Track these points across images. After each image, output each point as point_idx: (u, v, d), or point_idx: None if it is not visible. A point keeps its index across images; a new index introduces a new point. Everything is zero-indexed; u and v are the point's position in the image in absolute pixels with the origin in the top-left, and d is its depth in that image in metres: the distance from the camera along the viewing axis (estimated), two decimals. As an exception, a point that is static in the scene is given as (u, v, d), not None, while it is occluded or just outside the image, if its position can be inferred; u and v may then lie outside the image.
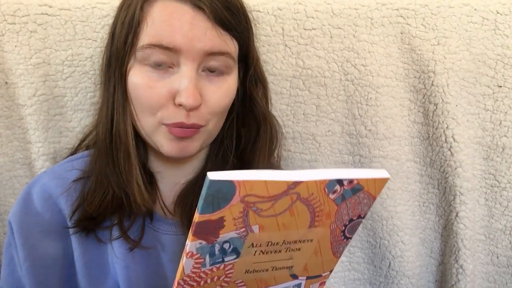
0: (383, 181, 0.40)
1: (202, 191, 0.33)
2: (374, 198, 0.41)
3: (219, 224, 0.36)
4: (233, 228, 0.37)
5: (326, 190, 0.38)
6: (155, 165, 0.59)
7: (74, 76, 0.67)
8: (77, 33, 0.65)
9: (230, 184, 0.33)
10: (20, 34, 0.64)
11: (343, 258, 0.82)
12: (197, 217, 0.35)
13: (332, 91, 0.73)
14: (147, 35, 0.50)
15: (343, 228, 0.42)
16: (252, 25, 0.57)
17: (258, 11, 0.68)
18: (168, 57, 0.50)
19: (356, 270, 0.82)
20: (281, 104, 0.73)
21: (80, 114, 0.69)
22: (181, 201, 0.59)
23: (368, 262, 0.82)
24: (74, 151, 0.65)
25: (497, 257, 0.82)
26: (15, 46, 0.64)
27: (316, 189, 0.37)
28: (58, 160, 0.69)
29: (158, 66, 0.51)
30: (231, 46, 0.53)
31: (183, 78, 0.50)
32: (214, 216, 0.35)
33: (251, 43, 0.57)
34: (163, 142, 0.53)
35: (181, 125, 0.51)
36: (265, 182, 0.35)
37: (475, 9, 0.72)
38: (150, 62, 0.50)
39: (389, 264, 0.80)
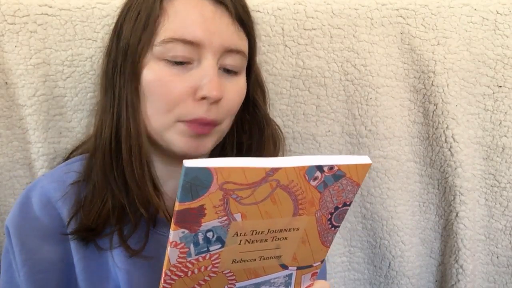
0: (365, 167, 0.39)
1: (179, 179, 0.33)
2: (358, 185, 0.40)
3: (200, 212, 0.36)
4: (214, 217, 0.37)
5: (307, 176, 0.38)
6: (157, 169, 0.58)
7: (74, 76, 0.67)
8: (77, 33, 0.65)
9: (207, 171, 0.33)
10: (20, 34, 0.64)
11: (343, 258, 0.82)
12: (177, 205, 0.35)
13: (332, 91, 0.73)
14: (167, 30, 0.50)
15: (329, 216, 0.42)
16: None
17: (258, 11, 0.68)
18: (188, 52, 0.50)
19: (356, 270, 0.82)
20: (281, 104, 0.73)
21: (80, 114, 0.69)
22: None
23: (368, 262, 0.82)
24: (66, 159, 0.64)
25: (497, 257, 0.82)
26: (15, 46, 0.64)
27: (296, 175, 0.37)
28: (58, 160, 0.69)
29: (176, 62, 0.51)
30: (245, 45, 0.55)
31: (207, 71, 0.50)
32: (194, 204, 0.35)
33: (255, 47, 0.58)
34: (178, 139, 0.52)
35: (200, 122, 0.51)
36: (243, 169, 0.34)
37: (475, 9, 0.72)
38: (169, 57, 0.50)
39: (389, 264, 0.80)
